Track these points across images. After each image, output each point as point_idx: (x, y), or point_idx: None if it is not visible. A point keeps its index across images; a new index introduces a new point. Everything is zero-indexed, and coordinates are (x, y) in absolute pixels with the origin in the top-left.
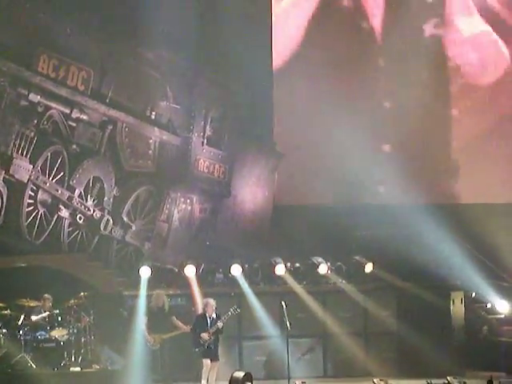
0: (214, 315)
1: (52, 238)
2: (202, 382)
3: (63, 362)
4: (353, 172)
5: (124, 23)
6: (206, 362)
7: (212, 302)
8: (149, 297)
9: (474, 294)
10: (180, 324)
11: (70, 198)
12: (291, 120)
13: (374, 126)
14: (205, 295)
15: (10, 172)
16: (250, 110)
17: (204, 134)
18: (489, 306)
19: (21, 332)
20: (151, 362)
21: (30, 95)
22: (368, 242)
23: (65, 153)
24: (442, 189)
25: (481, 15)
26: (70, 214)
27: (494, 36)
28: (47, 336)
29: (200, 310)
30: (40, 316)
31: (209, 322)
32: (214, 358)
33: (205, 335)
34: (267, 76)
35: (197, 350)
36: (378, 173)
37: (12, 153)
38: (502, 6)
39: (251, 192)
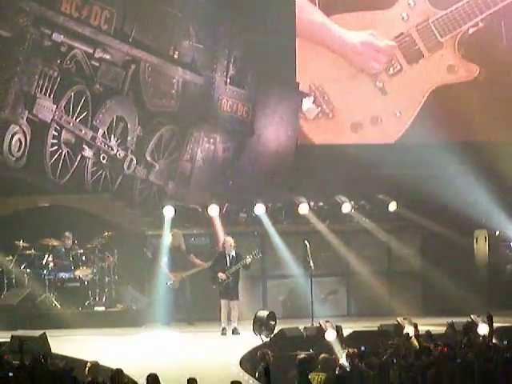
0: (233, 253)
1: (76, 177)
2: (222, 324)
3: (87, 302)
4: (376, 111)
5: None
6: (224, 302)
7: (230, 239)
8: (169, 236)
9: (497, 233)
10: (198, 261)
11: (94, 138)
12: (315, 59)
13: None
14: (228, 234)
15: (34, 112)
16: (274, 48)
17: (227, 74)
18: None
19: (45, 271)
20: (174, 301)
21: (54, 35)
22: (392, 180)
23: (88, 92)
24: (466, 126)
25: None
26: (94, 153)
27: None
28: (71, 275)
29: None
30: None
31: (228, 260)
32: (232, 297)
33: (222, 275)
34: (291, 14)
35: (214, 287)
36: (401, 111)
37: (35, 93)
38: None
39: (274, 131)
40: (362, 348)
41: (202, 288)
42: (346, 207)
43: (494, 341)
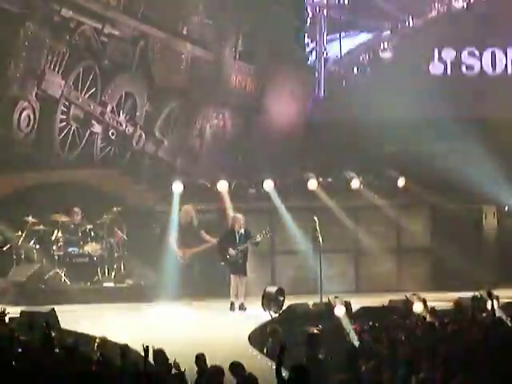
0: (242, 231)
1: (84, 153)
2: (231, 298)
3: (96, 278)
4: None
5: None
6: (233, 277)
7: (240, 216)
8: (180, 212)
9: (506, 208)
10: (208, 237)
11: (103, 114)
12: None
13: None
14: (237, 210)
15: (43, 88)
16: (283, 23)
17: (236, 49)
18: None
19: (54, 247)
20: (183, 276)
21: (63, 10)
22: (400, 156)
23: (97, 68)
24: (477, 103)
25: None
26: (103, 129)
27: None
28: (80, 251)
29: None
30: None
31: (237, 237)
32: (241, 273)
33: (232, 251)
34: None
35: (222, 263)
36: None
37: (44, 68)
38: None
39: (284, 106)
40: (371, 323)
41: (210, 263)
42: (355, 183)
43: (501, 316)
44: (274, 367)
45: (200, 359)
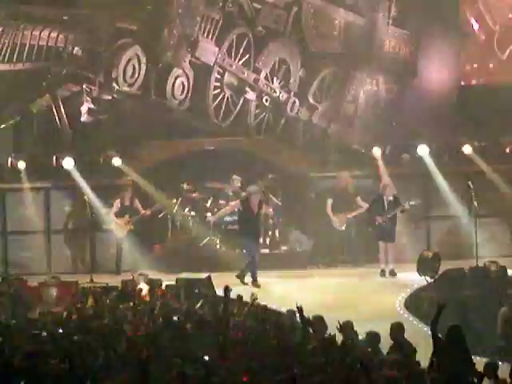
0: (391, 198)
1: (239, 120)
2: (381, 265)
3: None
4: None
5: None
6: (381, 244)
7: (389, 183)
8: (336, 178)
9: None
10: (363, 203)
11: (256, 80)
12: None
13: None
14: (391, 175)
15: (196, 55)
16: None
17: (389, 14)
18: None
19: (209, 214)
20: (338, 243)
21: None
22: None
23: (250, 35)
24: None
25: None
26: (257, 96)
27: None
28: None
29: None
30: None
31: (386, 204)
32: (389, 239)
33: (379, 218)
34: None
35: (370, 229)
36: None
37: (198, 36)
38: None
39: (437, 72)
40: None
41: (364, 230)
42: (510, 147)
43: None
44: (429, 331)
45: (346, 327)
